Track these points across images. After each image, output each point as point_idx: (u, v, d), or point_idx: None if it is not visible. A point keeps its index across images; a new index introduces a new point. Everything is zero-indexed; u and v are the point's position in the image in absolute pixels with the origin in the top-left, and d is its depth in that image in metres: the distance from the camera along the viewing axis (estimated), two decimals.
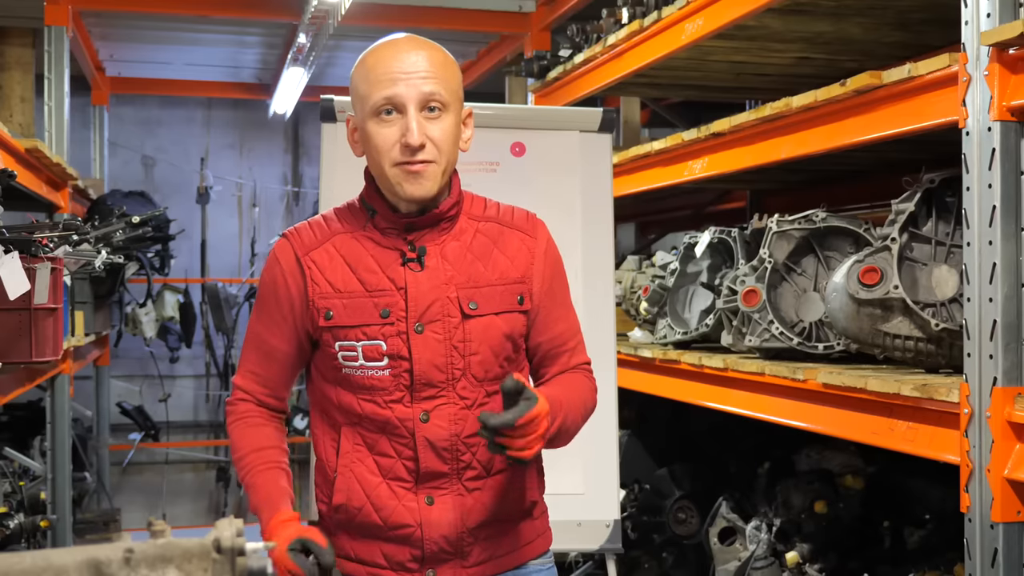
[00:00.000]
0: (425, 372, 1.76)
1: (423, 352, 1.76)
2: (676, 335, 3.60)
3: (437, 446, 1.77)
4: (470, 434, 1.78)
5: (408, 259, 1.78)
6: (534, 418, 1.65)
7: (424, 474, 1.78)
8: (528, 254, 1.85)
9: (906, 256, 2.59)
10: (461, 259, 1.80)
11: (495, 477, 1.82)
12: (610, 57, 4.17)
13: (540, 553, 1.91)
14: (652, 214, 6.14)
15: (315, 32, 5.71)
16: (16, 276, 2.93)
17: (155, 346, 7.64)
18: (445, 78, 1.75)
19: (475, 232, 1.83)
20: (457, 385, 1.78)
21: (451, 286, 1.78)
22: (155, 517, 1.64)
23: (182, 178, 8.10)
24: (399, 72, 1.72)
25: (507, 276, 1.82)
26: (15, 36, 5.39)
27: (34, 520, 4.14)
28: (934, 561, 2.97)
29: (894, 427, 2.43)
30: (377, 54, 1.76)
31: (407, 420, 1.77)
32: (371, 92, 1.74)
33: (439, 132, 1.74)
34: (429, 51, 1.76)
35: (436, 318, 1.76)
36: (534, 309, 1.85)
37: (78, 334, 4.61)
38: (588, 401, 1.90)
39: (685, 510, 4.02)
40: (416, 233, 1.79)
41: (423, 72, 1.73)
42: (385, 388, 1.77)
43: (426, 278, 1.77)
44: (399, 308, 1.76)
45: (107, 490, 6.91)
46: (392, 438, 1.78)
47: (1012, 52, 2.13)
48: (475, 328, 1.78)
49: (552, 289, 1.87)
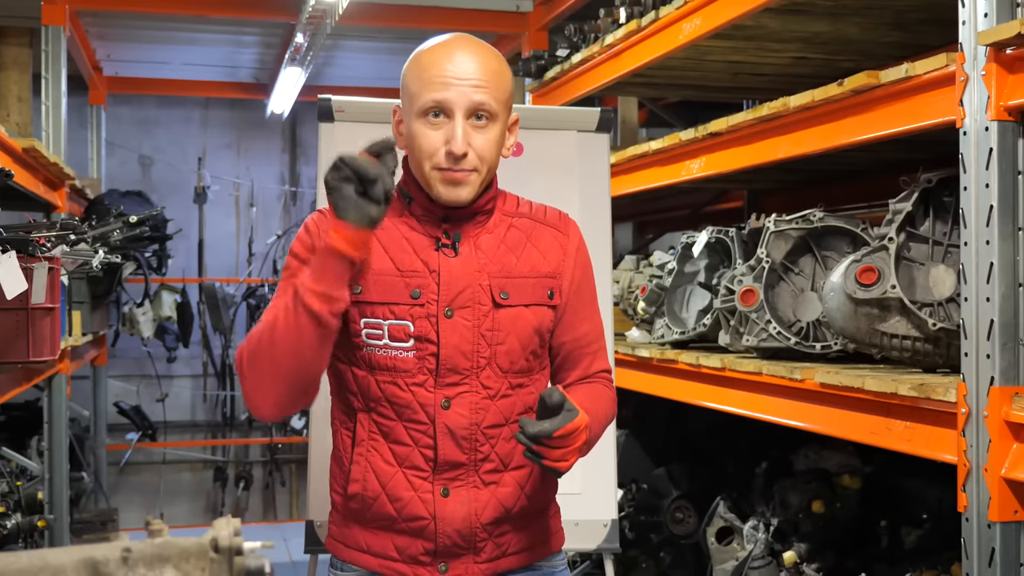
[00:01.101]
0: (451, 357, 1.76)
1: (451, 337, 1.76)
2: (674, 335, 3.60)
3: (457, 434, 1.76)
4: (490, 424, 1.78)
5: (443, 244, 1.79)
6: (574, 430, 1.65)
7: (442, 463, 1.77)
8: (560, 250, 1.86)
9: (903, 256, 2.59)
10: (495, 250, 1.81)
11: (512, 472, 1.81)
12: (607, 57, 4.17)
13: (553, 552, 1.91)
14: (650, 214, 6.14)
15: (312, 32, 5.71)
16: (13, 276, 2.92)
17: (152, 346, 7.64)
18: (497, 86, 1.76)
19: (509, 226, 1.85)
20: (481, 374, 1.77)
21: (484, 274, 1.78)
22: (153, 517, 1.63)
23: (179, 178, 8.09)
24: (451, 77, 1.72)
25: (538, 270, 1.83)
26: (12, 36, 5.39)
27: (31, 520, 4.14)
28: (931, 561, 2.97)
29: (891, 427, 2.43)
30: (432, 54, 1.77)
31: (428, 405, 1.76)
32: (421, 92, 1.74)
33: (483, 142, 1.75)
34: (484, 57, 1.76)
35: (467, 304, 1.77)
36: (562, 306, 1.85)
37: (75, 334, 4.61)
38: (609, 413, 1.91)
39: (683, 510, 4.02)
40: (452, 223, 1.80)
41: (475, 80, 1.73)
42: (408, 370, 1.76)
43: (459, 264, 1.78)
44: (431, 291, 1.76)
45: (104, 490, 6.90)
46: (410, 425, 1.77)
47: (1009, 52, 2.13)
48: (504, 318, 1.78)
49: (580, 289, 1.88)
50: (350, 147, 3.29)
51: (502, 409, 1.79)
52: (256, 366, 1.70)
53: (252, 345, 1.71)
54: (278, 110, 7.64)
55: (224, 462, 8.06)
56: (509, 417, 1.80)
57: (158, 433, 7.70)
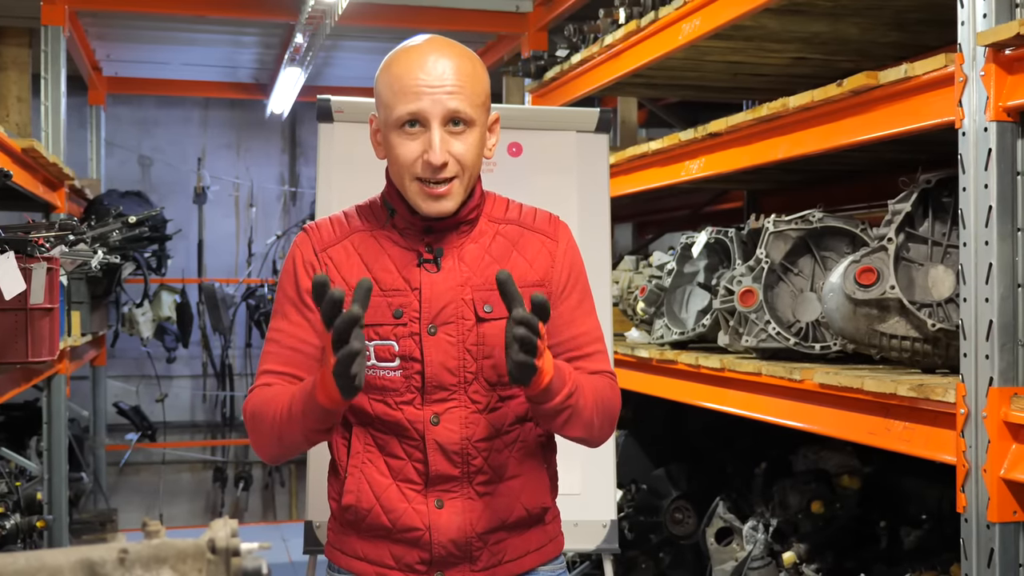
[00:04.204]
0: (436, 374, 1.74)
1: (435, 354, 1.74)
2: (673, 335, 3.60)
3: (447, 449, 1.75)
4: (481, 438, 1.76)
5: (424, 260, 1.76)
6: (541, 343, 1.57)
7: (434, 477, 1.76)
8: (548, 257, 1.83)
9: (902, 256, 2.59)
10: (479, 261, 1.78)
11: (506, 482, 1.79)
12: (607, 57, 4.17)
13: (551, 558, 1.89)
14: (649, 214, 6.14)
15: (312, 32, 5.71)
16: (12, 276, 2.92)
17: (152, 346, 7.64)
18: (472, 91, 1.71)
19: (495, 234, 1.81)
20: (469, 388, 1.76)
21: (467, 288, 1.76)
22: (151, 518, 1.62)
23: (179, 178, 8.09)
24: (424, 85, 1.68)
25: (525, 279, 1.79)
26: (11, 36, 5.39)
27: (30, 520, 4.14)
28: (930, 561, 2.97)
29: (891, 427, 2.43)
30: (403, 62, 1.72)
31: (417, 422, 1.75)
32: (395, 104, 1.70)
33: (463, 148, 1.71)
34: (456, 60, 1.72)
35: (450, 320, 1.75)
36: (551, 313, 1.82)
37: (74, 334, 4.61)
38: (607, 399, 1.81)
39: (682, 510, 4.02)
40: (435, 235, 1.78)
41: (449, 86, 1.69)
42: (396, 389, 1.75)
43: (441, 279, 1.76)
44: (412, 309, 1.74)
45: (103, 490, 6.89)
46: (403, 440, 1.76)
47: (1008, 52, 2.13)
48: (489, 331, 1.75)
49: (570, 292, 1.83)
50: (350, 147, 3.28)
51: (492, 422, 1.77)
52: (258, 434, 1.75)
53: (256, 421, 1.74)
54: (278, 110, 7.64)
55: (223, 462, 8.05)
56: (500, 429, 1.78)
57: (157, 433, 7.69)
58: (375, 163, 1.88)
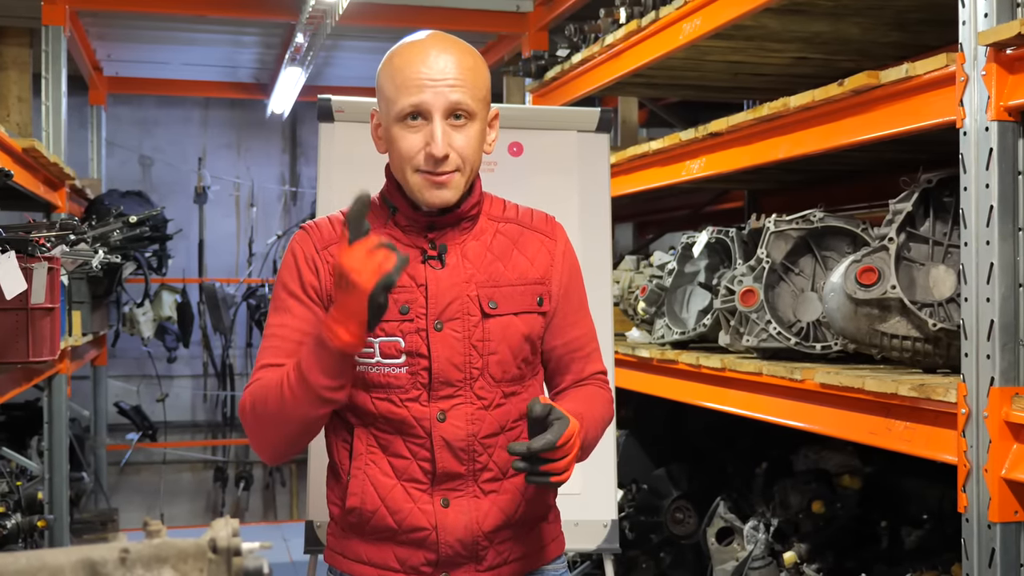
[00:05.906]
0: (443, 370, 1.75)
1: (442, 350, 1.74)
2: (674, 335, 3.60)
3: (454, 446, 1.75)
4: (487, 434, 1.77)
5: (429, 256, 1.77)
6: (570, 437, 1.65)
7: (440, 475, 1.76)
8: (548, 256, 1.84)
9: (903, 256, 2.59)
10: (481, 258, 1.79)
11: (511, 480, 1.80)
12: (608, 57, 4.17)
13: (555, 557, 1.90)
14: (650, 214, 6.14)
15: (312, 32, 5.71)
16: (13, 276, 2.93)
17: (153, 346, 7.64)
18: (473, 84, 1.73)
19: (495, 232, 1.83)
20: (475, 385, 1.76)
21: (471, 284, 1.77)
22: (152, 517, 1.62)
23: (179, 178, 8.10)
24: (426, 79, 1.70)
25: (526, 277, 1.81)
26: (12, 36, 5.40)
27: (31, 520, 4.14)
28: (931, 561, 2.97)
29: (891, 427, 2.43)
30: (405, 56, 1.74)
31: (423, 419, 1.75)
32: (397, 97, 1.72)
33: (464, 141, 1.73)
34: (458, 55, 1.74)
35: (456, 316, 1.75)
36: (551, 312, 1.84)
37: (75, 334, 4.61)
38: (606, 415, 1.89)
39: (683, 510, 4.02)
40: (437, 232, 1.79)
41: (451, 80, 1.71)
42: (402, 386, 1.75)
43: (446, 275, 1.76)
44: (419, 305, 1.75)
45: (104, 490, 6.90)
46: (407, 438, 1.76)
47: (1009, 52, 2.13)
48: (494, 327, 1.77)
49: (569, 292, 1.86)
50: (351, 147, 3.28)
51: (497, 418, 1.78)
52: (261, 424, 1.73)
53: (258, 407, 1.71)
54: (278, 110, 7.64)
55: (224, 462, 8.06)
56: (505, 425, 1.79)
57: (158, 433, 7.69)
58: (376, 163, 1.88)
